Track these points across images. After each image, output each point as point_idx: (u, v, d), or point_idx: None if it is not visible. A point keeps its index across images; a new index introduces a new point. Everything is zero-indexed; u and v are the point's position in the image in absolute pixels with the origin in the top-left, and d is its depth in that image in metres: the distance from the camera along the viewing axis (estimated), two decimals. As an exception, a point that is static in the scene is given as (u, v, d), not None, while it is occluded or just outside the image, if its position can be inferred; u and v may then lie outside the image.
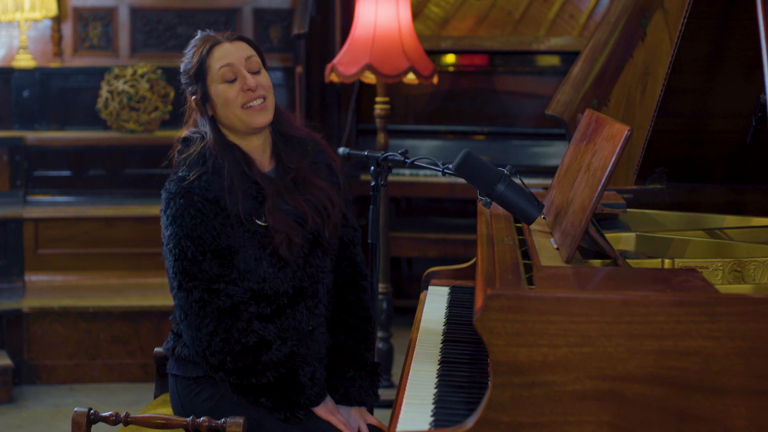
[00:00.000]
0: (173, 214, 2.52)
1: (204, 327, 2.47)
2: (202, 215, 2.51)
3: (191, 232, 2.50)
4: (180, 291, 2.50)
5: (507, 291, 1.85)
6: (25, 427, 4.38)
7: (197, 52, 2.63)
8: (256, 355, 2.47)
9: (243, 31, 5.93)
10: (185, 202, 2.51)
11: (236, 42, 2.64)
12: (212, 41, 2.64)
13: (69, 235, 5.16)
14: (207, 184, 2.53)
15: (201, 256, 2.49)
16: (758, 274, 2.32)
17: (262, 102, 2.59)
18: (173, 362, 2.65)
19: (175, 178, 2.57)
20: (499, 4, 5.81)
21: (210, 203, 2.52)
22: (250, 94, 2.58)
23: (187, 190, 2.52)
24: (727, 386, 1.78)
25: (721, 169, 3.04)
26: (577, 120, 3.45)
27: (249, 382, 2.48)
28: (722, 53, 2.80)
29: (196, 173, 2.54)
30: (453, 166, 2.45)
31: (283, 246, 2.55)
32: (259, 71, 2.62)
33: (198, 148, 2.60)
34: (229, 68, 2.59)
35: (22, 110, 5.57)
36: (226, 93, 2.59)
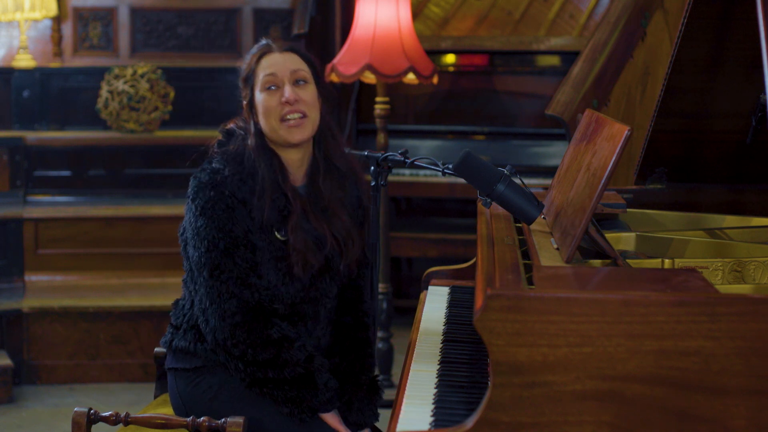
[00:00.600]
0: (203, 205, 2.53)
1: (229, 317, 2.48)
2: (231, 210, 2.52)
3: (223, 225, 2.51)
4: (210, 279, 2.50)
5: (507, 291, 1.85)
6: (25, 427, 4.38)
7: (252, 59, 2.65)
8: (278, 349, 2.48)
9: (243, 31, 5.93)
10: (216, 195, 2.52)
11: (287, 53, 2.63)
12: (265, 49, 2.64)
13: (69, 235, 5.16)
14: (240, 183, 2.54)
15: (233, 249, 2.50)
16: (758, 274, 2.32)
17: (300, 117, 2.58)
18: (171, 356, 2.65)
19: (209, 168, 2.58)
20: (499, 4, 5.81)
21: (239, 203, 2.53)
22: (287, 107, 2.58)
23: (220, 183, 2.53)
24: (727, 386, 1.78)
25: (721, 169, 3.04)
26: (577, 120, 3.45)
27: (265, 376, 2.49)
28: (722, 53, 2.80)
29: (231, 170, 2.56)
30: (453, 166, 2.45)
31: (299, 265, 2.56)
32: (304, 85, 2.61)
33: (238, 146, 2.61)
34: (271, 78, 2.60)
35: (22, 110, 5.57)
36: (266, 102, 2.60)
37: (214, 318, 2.50)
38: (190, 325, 2.60)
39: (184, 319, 2.62)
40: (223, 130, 2.69)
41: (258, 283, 2.52)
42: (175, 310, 2.68)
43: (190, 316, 2.61)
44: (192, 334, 2.59)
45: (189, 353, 2.59)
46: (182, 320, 2.63)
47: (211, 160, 2.61)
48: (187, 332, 2.60)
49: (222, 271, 2.50)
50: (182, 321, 2.63)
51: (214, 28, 5.96)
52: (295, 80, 2.60)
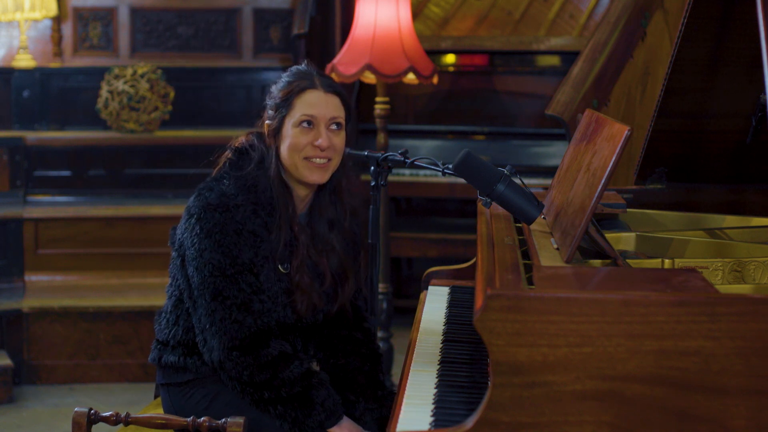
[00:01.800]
0: (210, 228, 2.47)
1: (228, 342, 2.46)
2: (237, 236, 2.47)
3: (229, 251, 2.47)
4: (213, 303, 2.47)
5: (507, 291, 1.85)
6: (25, 427, 4.38)
7: (292, 85, 2.57)
8: (275, 370, 2.47)
9: (243, 31, 5.93)
10: (224, 219, 2.47)
11: (330, 95, 2.57)
12: (309, 82, 2.57)
13: (69, 235, 5.16)
14: (252, 215, 2.50)
15: (239, 275, 2.47)
16: (758, 274, 2.32)
17: (326, 162, 2.56)
18: (161, 372, 2.64)
19: (217, 189, 2.52)
20: (499, 4, 5.81)
21: (248, 233, 2.48)
22: (317, 150, 2.54)
23: (230, 209, 2.48)
24: (727, 386, 1.78)
25: (721, 169, 3.04)
26: (577, 120, 3.45)
27: (261, 397, 2.48)
28: (722, 53, 2.80)
29: (243, 199, 2.50)
30: (453, 166, 2.45)
31: (303, 305, 2.55)
32: (338, 131, 2.58)
33: (252, 172, 2.55)
34: (310, 117, 2.55)
35: (22, 110, 5.58)
36: (297, 138, 2.55)
37: (213, 340, 2.48)
38: (176, 341, 2.58)
39: (170, 335, 2.59)
40: (233, 148, 2.62)
41: (260, 308, 2.49)
42: (159, 325, 2.64)
43: (176, 332, 2.58)
44: (180, 350, 2.57)
45: (179, 368, 2.58)
46: (169, 335, 2.60)
47: (220, 178, 2.56)
48: (176, 348, 2.58)
49: (225, 297, 2.46)
50: (169, 336, 2.60)
51: (214, 28, 5.96)
52: (331, 125, 2.56)
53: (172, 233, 2.61)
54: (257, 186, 2.53)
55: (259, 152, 2.59)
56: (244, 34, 5.94)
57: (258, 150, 2.59)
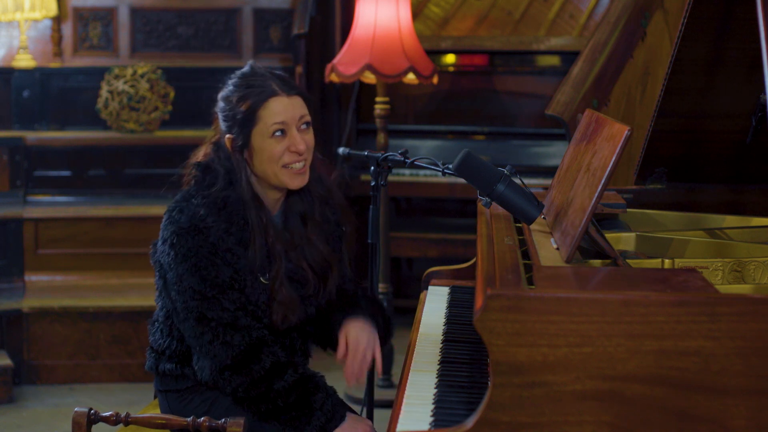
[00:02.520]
0: (185, 253, 2.43)
1: (219, 362, 2.45)
2: (213, 255, 2.44)
3: (207, 273, 2.44)
4: (198, 326, 2.45)
5: (507, 291, 1.85)
6: (25, 427, 4.38)
7: (249, 97, 2.49)
8: (269, 382, 2.46)
9: (243, 31, 5.93)
10: (198, 242, 2.43)
11: (294, 97, 2.51)
12: (269, 91, 2.49)
13: (69, 235, 5.16)
14: (225, 234, 2.45)
15: (220, 296, 2.44)
16: (758, 274, 2.32)
17: (303, 166, 2.52)
18: (158, 379, 2.63)
19: (187, 211, 2.47)
20: (499, 4, 5.81)
21: (224, 252, 2.45)
22: (295, 156, 2.50)
23: (202, 231, 2.44)
24: (727, 386, 1.78)
25: (721, 169, 3.04)
26: (577, 120, 3.45)
27: (258, 409, 2.48)
28: (722, 53, 2.80)
29: (214, 220, 2.46)
30: (453, 166, 2.45)
31: (278, 316, 2.52)
32: (307, 129, 2.53)
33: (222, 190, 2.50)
34: (281, 125, 2.48)
35: (22, 110, 5.57)
36: (272, 149, 2.49)
37: (203, 359, 2.47)
38: (172, 350, 2.57)
39: (165, 345, 2.58)
40: (197, 164, 2.55)
41: (248, 323, 2.47)
42: (153, 335, 2.62)
43: (170, 343, 2.57)
44: (177, 359, 2.57)
45: (177, 376, 2.58)
46: (164, 345, 2.58)
47: (188, 197, 2.50)
48: (172, 357, 2.58)
49: (210, 319, 2.44)
50: (164, 347, 2.58)
51: (214, 28, 5.95)
52: (301, 126, 2.52)
53: (153, 250, 2.55)
54: (227, 204, 2.48)
55: (224, 167, 2.52)
56: (244, 34, 5.94)
57: (222, 164, 2.53)
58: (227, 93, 2.54)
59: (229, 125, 2.53)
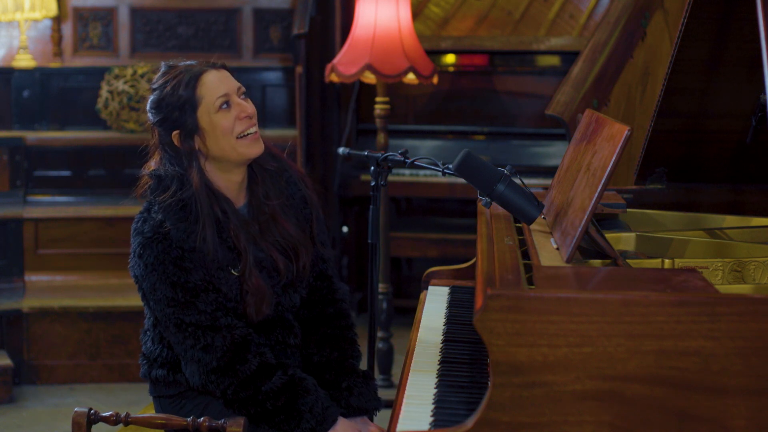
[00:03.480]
0: (151, 262, 2.46)
1: (204, 365, 2.45)
2: (180, 260, 2.45)
3: (177, 279, 2.44)
4: (178, 333, 2.46)
5: (507, 291, 1.85)
6: (25, 427, 4.38)
7: (179, 83, 2.49)
8: (257, 384, 2.45)
9: (243, 31, 5.93)
10: (163, 248, 2.45)
11: (221, 70, 2.53)
12: (197, 71, 2.51)
13: (69, 235, 5.16)
14: (186, 234, 2.46)
15: (194, 299, 2.45)
16: (758, 274, 2.32)
17: (256, 131, 2.52)
18: (152, 386, 2.64)
19: (150, 221, 2.49)
20: (499, 4, 5.81)
21: (189, 252, 2.45)
22: (247, 121, 2.50)
23: (164, 237, 2.45)
24: (727, 386, 1.78)
25: (721, 169, 3.04)
26: (577, 120, 3.45)
27: (248, 411, 2.47)
28: (722, 53, 2.80)
29: (172, 223, 2.46)
30: (453, 166, 2.45)
31: (251, 309, 2.51)
32: (247, 99, 2.54)
33: (176, 193, 2.49)
34: (225, 97, 2.49)
35: (22, 110, 5.57)
36: (222, 122, 2.49)
37: (190, 366, 2.47)
38: (163, 357, 2.58)
39: (156, 352, 2.59)
40: (150, 174, 2.57)
41: (229, 323, 2.47)
42: (145, 343, 2.63)
43: (161, 350, 2.58)
44: (168, 366, 2.57)
45: (169, 382, 2.58)
46: (155, 353, 2.59)
47: (149, 208, 2.52)
48: (164, 364, 2.58)
49: (188, 324, 2.44)
50: (156, 354, 2.59)
51: (214, 28, 5.96)
52: (241, 95, 2.53)
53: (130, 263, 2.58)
54: (185, 205, 2.48)
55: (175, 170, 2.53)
56: (244, 34, 5.94)
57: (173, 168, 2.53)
58: (158, 95, 2.53)
59: (171, 123, 2.51)
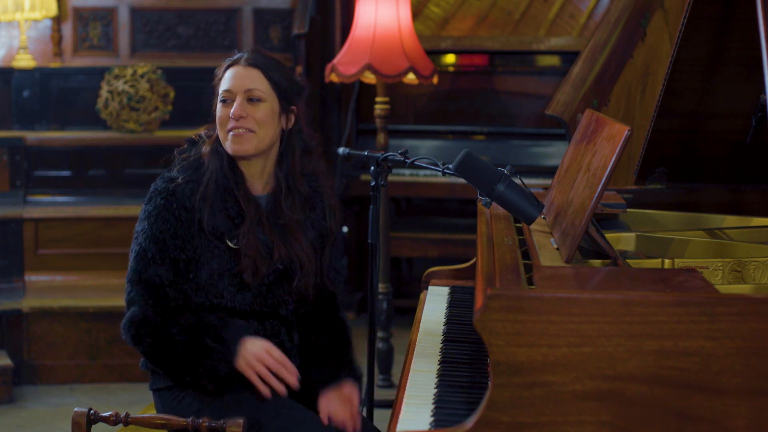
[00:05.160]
0: (149, 211, 2.57)
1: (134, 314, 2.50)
2: (176, 221, 2.53)
3: (159, 234, 2.53)
4: (129, 283, 2.54)
5: (507, 291, 1.85)
6: (25, 427, 4.38)
7: (221, 67, 2.66)
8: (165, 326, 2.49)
9: (243, 31, 5.93)
10: (164, 204, 2.55)
11: (249, 68, 2.62)
12: (232, 61, 2.65)
13: (69, 235, 5.16)
14: (191, 192, 2.55)
15: (160, 260, 2.53)
16: (758, 274, 2.32)
17: (243, 131, 2.58)
18: (151, 377, 2.65)
19: (167, 176, 2.61)
20: (499, 4, 5.81)
21: (187, 211, 2.54)
22: (233, 122, 2.58)
23: (171, 192, 2.55)
24: (727, 386, 1.78)
25: (721, 169, 3.04)
26: (577, 120, 3.45)
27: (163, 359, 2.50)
28: (722, 53, 2.80)
29: (185, 178, 2.58)
30: (453, 166, 2.45)
31: (248, 271, 2.55)
32: (257, 103, 2.59)
33: (197, 153, 2.64)
34: (227, 93, 2.61)
35: (22, 110, 5.57)
36: (220, 113, 2.62)
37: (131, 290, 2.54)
38: None
39: None
40: (187, 139, 2.71)
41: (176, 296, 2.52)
42: None
43: None
44: None
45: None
46: None
47: (171, 168, 2.64)
48: None
49: (140, 278, 2.52)
50: None
51: (214, 28, 5.95)
52: (248, 98, 2.59)
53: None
54: (199, 166, 2.61)
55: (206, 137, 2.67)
56: (244, 34, 5.94)
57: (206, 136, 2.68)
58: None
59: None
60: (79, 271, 5.15)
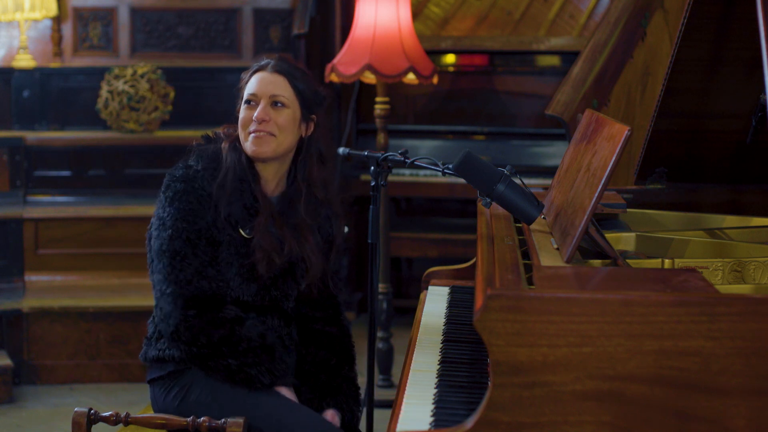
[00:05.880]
0: (172, 196, 2.59)
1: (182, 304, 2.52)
2: (198, 203, 2.58)
3: (188, 216, 2.57)
4: (170, 266, 2.55)
5: (507, 291, 1.85)
6: (25, 427, 4.38)
7: (248, 71, 2.72)
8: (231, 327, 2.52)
9: (243, 31, 5.93)
10: (186, 188, 2.59)
11: (275, 74, 2.68)
12: (259, 66, 2.70)
13: (69, 235, 5.16)
14: (211, 179, 2.61)
15: (196, 240, 2.57)
16: (758, 274, 2.32)
17: (264, 134, 2.64)
18: (148, 368, 2.69)
19: (182, 165, 2.66)
20: (499, 4, 5.81)
21: (207, 197, 2.59)
22: (255, 124, 2.64)
23: (192, 177, 2.60)
24: (727, 386, 1.78)
25: (721, 169, 3.04)
26: (577, 120, 3.45)
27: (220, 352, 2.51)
28: (722, 53, 2.80)
29: (203, 165, 2.63)
30: (453, 166, 2.45)
31: (263, 263, 2.60)
32: (281, 108, 2.65)
33: (216, 147, 2.69)
34: (252, 96, 2.66)
35: (22, 110, 5.57)
36: (242, 115, 2.68)
37: (169, 304, 2.53)
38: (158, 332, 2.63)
39: (154, 330, 2.66)
40: (205, 135, 2.76)
41: (215, 276, 2.57)
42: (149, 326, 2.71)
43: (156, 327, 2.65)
44: (162, 342, 2.62)
45: (161, 360, 2.62)
46: (153, 330, 2.67)
47: (187, 160, 2.68)
48: (158, 341, 2.64)
49: (183, 257, 2.55)
50: (153, 331, 2.67)
51: (214, 28, 5.95)
52: (273, 102, 2.65)
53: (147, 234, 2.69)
54: (218, 155, 2.66)
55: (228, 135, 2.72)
56: (244, 34, 5.94)
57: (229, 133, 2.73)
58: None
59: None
60: (79, 271, 5.15)
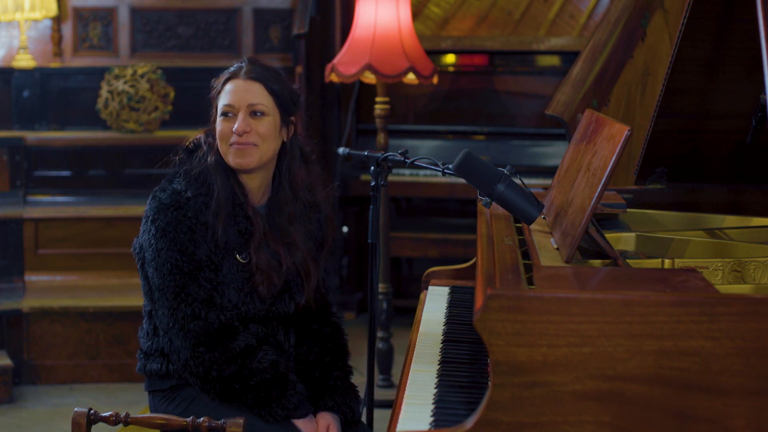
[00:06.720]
0: (164, 227, 2.50)
1: (193, 338, 2.48)
2: (191, 232, 2.51)
3: (185, 248, 2.50)
4: (175, 301, 2.49)
5: (507, 291, 1.85)
6: (25, 427, 4.38)
7: (220, 79, 2.63)
8: (243, 361, 2.48)
9: (243, 31, 5.93)
10: (177, 217, 2.51)
11: (251, 81, 2.59)
12: (232, 74, 2.61)
13: (69, 235, 5.16)
14: (203, 207, 2.53)
15: (197, 271, 2.50)
16: (758, 274, 2.32)
17: (245, 146, 2.57)
18: (147, 380, 2.67)
19: (170, 189, 2.56)
20: (499, 4, 5.81)
21: (201, 226, 2.52)
22: (236, 136, 2.57)
23: (182, 205, 2.52)
24: (727, 386, 1.78)
25: (721, 169, 3.04)
26: (577, 120, 3.45)
27: (232, 388, 2.49)
28: (722, 53, 2.80)
29: (193, 192, 2.54)
30: (453, 166, 2.45)
31: (264, 285, 2.56)
32: (261, 117, 2.58)
33: (201, 166, 2.59)
34: (228, 107, 2.59)
35: (22, 110, 5.57)
36: (221, 127, 2.60)
37: (178, 339, 2.50)
38: (158, 350, 2.60)
39: (152, 346, 2.62)
40: (183, 148, 2.67)
41: (222, 302, 2.52)
42: (142, 338, 2.67)
43: (155, 342, 2.61)
44: (162, 358, 2.60)
45: (162, 375, 2.61)
46: (150, 346, 2.63)
47: (172, 178, 2.60)
48: (157, 357, 2.61)
49: (187, 293, 2.49)
50: (150, 347, 2.63)
51: (214, 28, 5.95)
52: (251, 112, 2.58)
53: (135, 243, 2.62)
54: (206, 177, 2.57)
55: (207, 147, 2.64)
56: (244, 34, 5.94)
57: (206, 145, 2.65)
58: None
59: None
60: (79, 271, 5.15)
